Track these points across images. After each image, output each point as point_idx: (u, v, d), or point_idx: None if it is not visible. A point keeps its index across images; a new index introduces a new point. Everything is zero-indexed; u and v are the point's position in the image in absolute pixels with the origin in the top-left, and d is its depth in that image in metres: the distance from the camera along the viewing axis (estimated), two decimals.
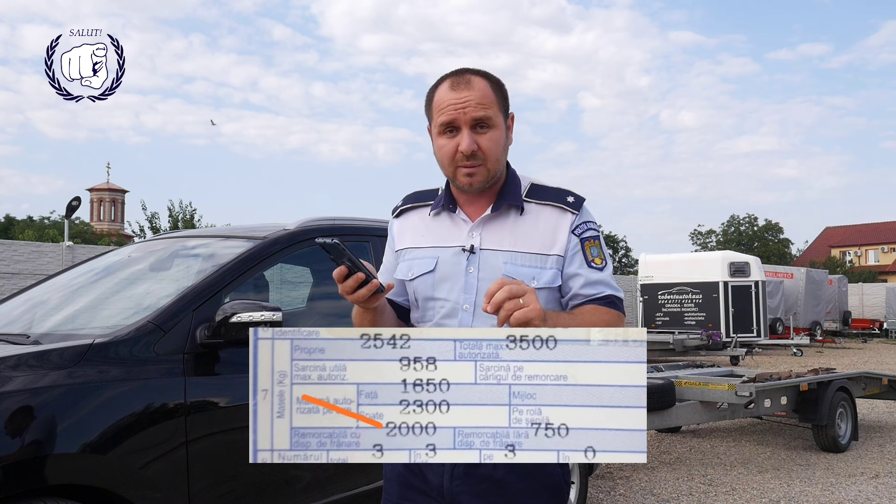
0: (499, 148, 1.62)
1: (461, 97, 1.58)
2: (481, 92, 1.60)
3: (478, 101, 1.58)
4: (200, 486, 2.62)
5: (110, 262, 3.70)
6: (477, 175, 1.60)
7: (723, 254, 19.36)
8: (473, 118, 1.58)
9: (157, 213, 24.91)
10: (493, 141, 1.60)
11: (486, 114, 1.59)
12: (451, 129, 1.60)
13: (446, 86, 1.62)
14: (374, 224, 3.65)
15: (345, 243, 1.48)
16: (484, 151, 1.59)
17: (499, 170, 1.64)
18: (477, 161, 1.59)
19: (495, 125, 1.61)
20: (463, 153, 1.58)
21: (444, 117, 1.60)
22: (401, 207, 1.80)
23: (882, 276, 45.35)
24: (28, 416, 2.26)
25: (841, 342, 24.04)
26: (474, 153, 1.58)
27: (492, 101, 1.61)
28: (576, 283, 1.63)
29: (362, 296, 1.49)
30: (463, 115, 1.58)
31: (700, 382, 6.36)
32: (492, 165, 1.61)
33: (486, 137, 1.60)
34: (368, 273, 1.49)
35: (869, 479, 5.69)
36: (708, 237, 54.76)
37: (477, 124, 1.59)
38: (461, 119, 1.58)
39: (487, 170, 1.61)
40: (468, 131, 1.58)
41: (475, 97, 1.58)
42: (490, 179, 1.63)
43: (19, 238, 32.87)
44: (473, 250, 1.63)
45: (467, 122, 1.58)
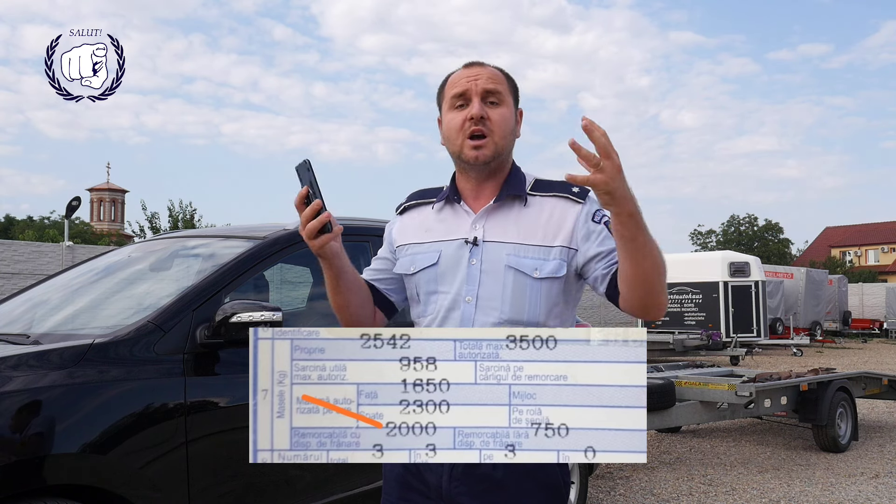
0: (507, 125, 1.64)
1: (474, 72, 1.64)
2: (493, 71, 1.66)
3: (489, 76, 1.64)
4: (200, 486, 2.62)
5: (110, 262, 3.70)
6: (484, 148, 1.61)
7: (723, 254, 19.35)
8: (485, 89, 1.62)
9: (157, 213, 24.88)
10: (502, 116, 1.63)
11: (497, 88, 1.63)
12: (463, 101, 1.63)
13: (461, 69, 1.68)
14: (374, 224, 3.64)
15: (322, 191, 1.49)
16: (493, 122, 1.61)
17: (505, 148, 1.64)
18: (485, 130, 1.61)
19: (505, 103, 1.64)
20: (472, 117, 1.60)
21: (457, 89, 1.64)
22: (405, 204, 1.81)
23: (882, 276, 45.35)
24: (28, 415, 2.26)
25: (841, 342, 24.03)
26: (483, 119, 1.60)
27: (503, 81, 1.66)
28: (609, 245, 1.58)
29: (312, 228, 1.47)
30: (475, 85, 1.62)
31: (700, 382, 6.36)
32: (499, 140, 1.62)
33: (497, 111, 1.62)
34: (324, 203, 1.48)
35: (869, 479, 5.69)
36: (708, 237, 54.76)
37: (488, 96, 1.62)
38: (473, 90, 1.62)
39: (495, 143, 1.61)
40: (479, 100, 1.62)
41: (487, 73, 1.64)
42: (496, 156, 1.63)
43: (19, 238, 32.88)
44: (476, 242, 1.63)
45: (478, 93, 1.62)
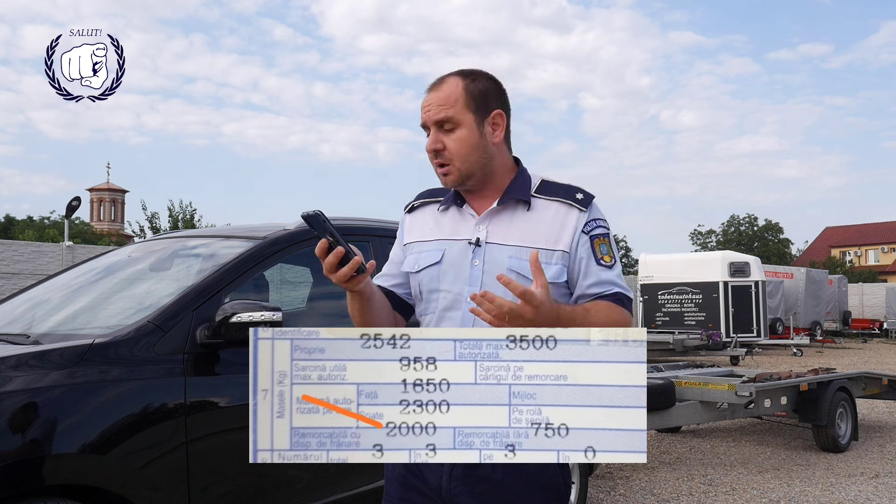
0: (466, 147, 1.64)
1: (428, 100, 1.67)
2: (446, 93, 1.65)
3: (439, 104, 1.65)
4: (200, 486, 2.62)
5: (110, 262, 3.70)
6: (449, 175, 1.66)
7: (723, 254, 19.35)
8: (435, 120, 1.65)
9: (157, 213, 24.94)
10: (457, 141, 1.64)
11: (447, 114, 1.64)
12: (426, 131, 1.68)
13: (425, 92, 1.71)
14: (374, 224, 3.65)
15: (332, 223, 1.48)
16: (448, 151, 1.64)
17: (472, 169, 1.65)
18: (444, 160, 1.65)
19: (460, 124, 1.64)
20: (427, 151, 1.66)
21: (421, 119, 1.69)
22: (413, 203, 1.83)
23: (882, 276, 45.34)
24: (28, 415, 2.26)
25: (841, 342, 24.03)
26: (438, 152, 1.65)
27: (456, 101, 1.64)
28: (584, 281, 1.63)
29: (344, 274, 1.49)
30: (428, 117, 1.66)
31: (700, 382, 6.36)
32: (460, 164, 1.64)
33: (451, 138, 1.65)
34: (349, 249, 1.49)
35: (869, 479, 5.69)
36: (708, 237, 54.79)
37: (441, 125, 1.65)
38: (428, 121, 1.66)
39: (458, 168, 1.65)
40: (434, 131, 1.65)
41: (438, 99, 1.65)
42: (465, 178, 1.66)
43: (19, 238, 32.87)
44: (479, 243, 1.64)
45: (433, 124, 1.65)
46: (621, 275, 1.68)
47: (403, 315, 1.78)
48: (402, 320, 1.78)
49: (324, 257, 1.49)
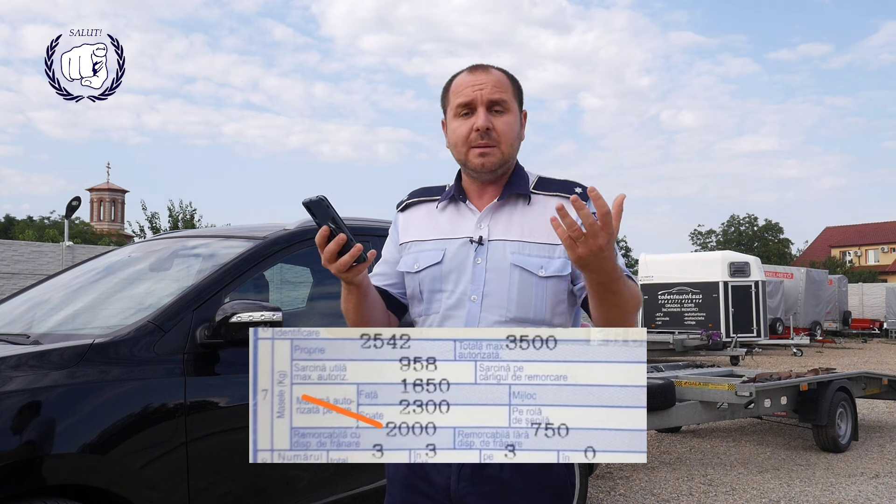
0: (513, 133, 1.64)
1: (479, 80, 1.63)
2: (498, 77, 1.65)
3: (494, 84, 1.63)
4: (200, 486, 2.62)
5: (110, 262, 3.70)
6: (490, 156, 1.62)
7: (723, 254, 19.35)
8: (490, 99, 1.62)
9: (157, 213, 24.94)
10: (508, 124, 1.63)
11: (503, 97, 1.63)
12: (468, 110, 1.63)
13: (465, 73, 1.67)
14: (374, 224, 3.64)
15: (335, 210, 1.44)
16: (498, 132, 1.62)
17: (511, 156, 1.66)
18: (491, 141, 1.62)
19: (511, 110, 1.64)
20: (479, 129, 1.61)
21: (462, 98, 1.64)
22: (406, 201, 1.80)
23: (882, 276, 45.35)
24: (28, 415, 2.26)
25: (841, 342, 24.03)
26: (489, 131, 1.61)
27: (508, 87, 1.65)
28: None
29: (344, 263, 1.45)
30: (480, 95, 1.62)
31: (700, 382, 6.36)
32: (505, 149, 1.63)
33: (502, 120, 1.63)
34: (351, 236, 1.45)
35: (869, 479, 5.69)
36: (708, 237, 54.80)
37: (493, 106, 1.62)
38: (478, 99, 1.62)
39: (501, 152, 1.63)
40: (484, 111, 1.62)
41: (492, 80, 1.63)
42: (502, 164, 1.64)
43: (19, 238, 32.88)
44: (482, 241, 1.63)
45: (484, 103, 1.62)
46: (622, 261, 1.68)
47: (397, 315, 1.76)
48: (396, 320, 1.76)
49: (323, 246, 1.45)
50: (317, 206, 1.44)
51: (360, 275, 1.52)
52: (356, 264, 1.47)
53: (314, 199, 1.44)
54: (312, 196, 1.44)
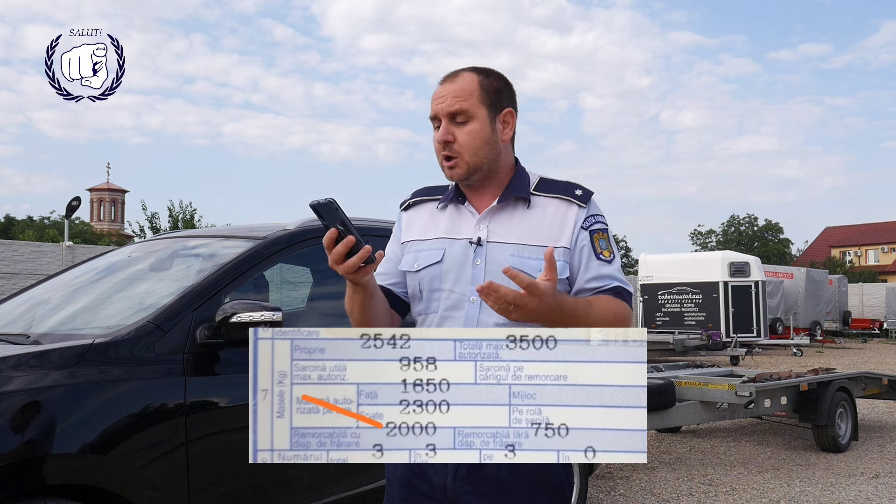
0: (476, 141, 1.64)
1: (442, 91, 1.66)
2: (461, 86, 1.65)
3: (454, 95, 1.64)
4: (200, 486, 2.62)
5: (110, 262, 3.70)
6: (456, 168, 1.64)
7: (723, 254, 19.35)
8: (448, 111, 1.64)
9: (157, 213, 24.91)
10: (468, 134, 1.63)
11: (461, 107, 1.63)
12: (437, 122, 1.66)
13: (439, 83, 1.69)
14: (375, 224, 3.64)
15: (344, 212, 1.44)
16: (459, 143, 1.63)
17: (480, 163, 1.65)
18: (452, 153, 1.64)
19: (473, 118, 1.64)
20: (436, 142, 1.65)
21: (431, 111, 1.67)
22: (409, 200, 1.81)
23: (882, 276, 45.34)
24: (28, 415, 2.26)
25: (841, 342, 24.02)
26: (448, 143, 1.63)
27: (471, 94, 1.64)
28: (584, 275, 1.63)
29: (352, 265, 1.46)
30: (441, 109, 1.64)
31: (700, 382, 6.36)
32: (469, 158, 1.64)
33: (463, 131, 1.64)
34: (360, 238, 1.45)
35: (869, 479, 5.69)
36: (708, 237, 54.78)
37: (453, 117, 1.64)
38: (440, 112, 1.65)
39: (466, 162, 1.64)
40: (446, 123, 1.64)
41: (453, 91, 1.64)
42: (471, 173, 1.65)
43: (19, 238, 32.87)
44: (480, 242, 1.64)
45: (445, 115, 1.64)
46: (620, 269, 1.69)
47: (400, 313, 1.77)
48: (399, 319, 1.77)
49: (331, 248, 1.46)
50: (325, 209, 1.44)
51: (367, 276, 1.53)
52: (364, 265, 1.48)
53: (322, 201, 1.44)
54: (321, 199, 1.44)
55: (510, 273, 1.40)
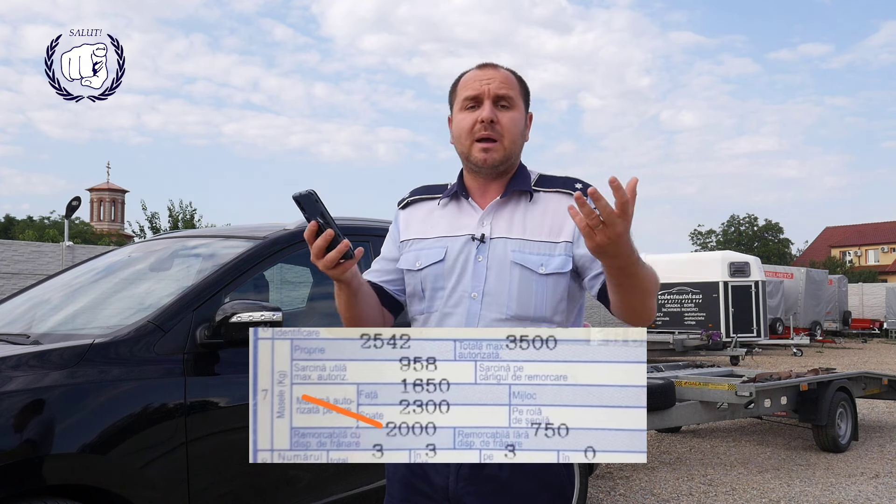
0: (517, 129, 1.65)
1: (487, 75, 1.65)
2: (505, 75, 1.67)
3: (502, 80, 1.65)
4: (200, 486, 2.62)
5: (110, 262, 3.70)
6: (493, 151, 1.63)
7: (723, 254, 19.35)
8: (497, 94, 1.63)
9: (157, 213, 24.91)
10: (512, 120, 1.64)
11: (509, 93, 1.64)
12: (474, 103, 1.64)
13: (474, 69, 1.69)
14: (374, 224, 3.64)
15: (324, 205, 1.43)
16: (503, 127, 1.63)
17: (514, 153, 1.66)
18: (494, 134, 1.62)
19: (516, 107, 1.66)
20: (483, 121, 1.62)
21: (469, 91, 1.65)
22: (407, 199, 1.80)
23: (882, 276, 45.34)
24: (28, 415, 2.26)
25: (841, 342, 24.02)
26: (493, 123, 1.62)
27: (514, 85, 1.67)
28: (595, 263, 1.58)
29: (332, 259, 1.46)
30: (487, 89, 1.63)
31: (700, 382, 6.36)
32: (508, 144, 1.63)
33: (507, 115, 1.64)
34: (339, 232, 1.45)
35: (869, 479, 5.69)
36: (708, 237, 54.76)
37: (499, 101, 1.64)
38: (485, 93, 1.63)
39: (504, 147, 1.63)
40: (490, 104, 1.63)
41: (499, 77, 1.66)
42: (504, 160, 1.64)
43: (19, 238, 32.87)
44: (483, 239, 1.64)
45: (490, 97, 1.63)
46: None
47: (392, 312, 1.76)
48: (391, 317, 1.76)
49: (312, 241, 1.46)
50: (306, 200, 1.44)
51: (347, 272, 1.52)
52: (343, 261, 1.47)
53: (304, 192, 1.44)
54: (302, 189, 1.44)
55: (615, 183, 1.27)
